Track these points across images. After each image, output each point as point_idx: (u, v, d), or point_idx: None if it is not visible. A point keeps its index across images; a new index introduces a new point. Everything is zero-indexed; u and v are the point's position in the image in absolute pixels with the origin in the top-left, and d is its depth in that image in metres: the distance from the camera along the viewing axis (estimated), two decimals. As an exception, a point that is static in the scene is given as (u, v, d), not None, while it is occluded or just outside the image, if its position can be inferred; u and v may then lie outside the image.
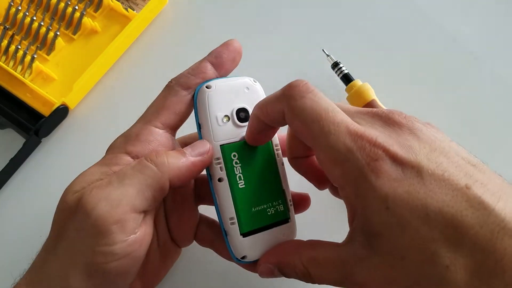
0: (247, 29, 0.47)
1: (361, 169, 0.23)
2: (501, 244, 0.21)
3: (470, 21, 0.47)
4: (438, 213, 0.22)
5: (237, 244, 0.29)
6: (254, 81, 0.31)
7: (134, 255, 0.26)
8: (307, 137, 0.25)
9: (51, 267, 0.26)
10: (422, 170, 0.23)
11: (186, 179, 0.28)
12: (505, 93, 0.44)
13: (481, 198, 0.22)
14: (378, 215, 0.23)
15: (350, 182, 0.24)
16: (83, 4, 0.46)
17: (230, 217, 0.29)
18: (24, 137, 0.42)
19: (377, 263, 0.23)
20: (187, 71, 0.30)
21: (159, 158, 0.27)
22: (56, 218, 0.27)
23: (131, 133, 0.29)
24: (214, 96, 0.29)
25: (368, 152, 0.23)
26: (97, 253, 0.25)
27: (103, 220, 0.25)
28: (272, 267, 0.28)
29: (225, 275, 0.37)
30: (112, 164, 0.27)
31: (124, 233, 0.25)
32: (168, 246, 0.32)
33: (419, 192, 0.22)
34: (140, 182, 0.26)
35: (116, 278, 0.26)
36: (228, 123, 0.30)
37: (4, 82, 0.43)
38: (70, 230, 0.26)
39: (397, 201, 0.22)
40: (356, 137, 0.24)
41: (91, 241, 0.25)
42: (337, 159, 0.24)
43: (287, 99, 0.26)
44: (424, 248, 0.22)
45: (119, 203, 0.25)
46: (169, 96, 0.29)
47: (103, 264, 0.25)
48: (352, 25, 0.47)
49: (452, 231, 0.22)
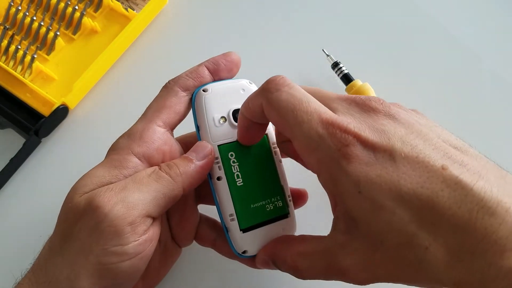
0: (247, 29, 0.47)
1: (333, 155, 0.23)
2: (481, 224, 0.21)
3: (470, 21, 0.47)
4: (413, 194, 0.22)
5: (237, 240, 0.30)
6: (250, 83, 0.32)
7: (144, 254, 0.27)
8: (283, 128, 0.26)
9: (58, 268, 0.26)
10: (395, 153, 0.23)
11: (196, 184, 0.29)
12: (505, 93, 0.44)
13: (458, 178, 0.22)
14: (352, 200, 0.23)
15: (325, 169, 0.24)
16: (83, 4, 0.46)
17: (230, 213, 0.30)
18: (24, 137, 0.42)
19: (358, 248, 0.23)
20: (185, 73, 0.31)
21: (172, 169, 0.28)
22: (63, 218, 0.27)
23: (134, 132, 0.29)
24: (211, 98, 0.31)
25: (339, 138, 0.24)
26: (111, 253, 0.25)
27: (119, 221, 0.25)
28: (267, 259, 0.29)
29: (225, 275, 0.37)
30: (122, 167, 0.28)
31: (136, 235, 0.26)
32: (168, 246, 0.33)
33: (392, 175, 0.22)
34: (156, 190, 0.27)
35: (125, 278, 0.27)
36: (225, 124, 0.31)
37: (4, 82, 0.43)
38: (81, 230, 0.26)
39: (368, 185, 0.22)
40: (327, 124, 0.24)
41: (105, 242, 0.25)
42: (310, 146, 0.24)
43: (264, 93, 0.26)
44: (402, 230, 0.22)
45: (134, 206, 0.26)
46: (169, 96, 0.30)
47: (116, 263, 0.26)
48: (352, 25, 0.47)
49: (428, 212, 0.21)
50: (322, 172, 0.25)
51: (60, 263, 0.26)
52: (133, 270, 0.27)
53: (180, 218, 0.32)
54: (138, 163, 0.28)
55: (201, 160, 0.29)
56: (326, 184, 0.25)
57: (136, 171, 0.28)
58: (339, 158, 0.23)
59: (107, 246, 0.25)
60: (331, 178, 0.24)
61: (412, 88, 0.44)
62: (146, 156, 0.29)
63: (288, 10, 0.48)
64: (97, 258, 0.25)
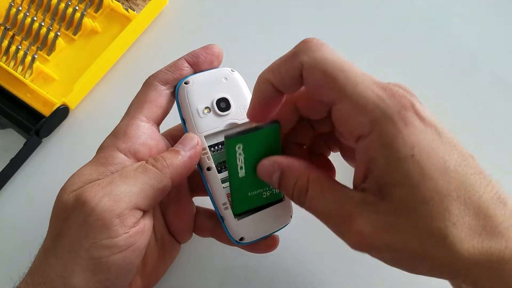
0: (247, 29, 0.47)
1: (391, 116, 0.23)
2: (498, 210, 0.23)
3: (470, 21, 0.47)
4: (454, 170, 0.23)
5: (233, 227, 0.31)
6: (232, 71, 0.32)
7: (136, 246, 0.27)
8: (330, 88, 0.25)
9: (52, 268, 0.26)
10: (440, 131, 0.24)
11: (186, 175, 0.29)
12: (505, 93, 0.44)
13: (481, 169, 0.24)
14: (402, 162, 0.23)
15: (378, 130, 0.24)
16: (84, 4, 0.46)
17: (223, 202, 0.31)
18: (25, 137, 0.42)
19: (384, 210, 0.23)
20: (165, 67, 0.32)
21: (158, 162, 0.28)
22: (54, 218, 0.28)
23: (118, 130, 0.30)
24: (193, 90, 0.31)
25: (399, 101, 0.24)
26: (101, 246, 0.25)
27: (106, 213, 0.25)
28: (276, 168, 0.28)
29: (224, 274, 0.37)
30: (108, 164, 0.28)
31: (125, 227, 0.26)
32: (166, 242, 0.33)
33: (439, 148, 0.23)
34: (143, 183, 0.27)
35: (119, 271, 0.27)
36: (210, 114, 0.31)
37: (5, 82, 0.43)
38: (71, 227, 0.26)
39: (422, 151, 0.23)
40: (384, 87, 0.24)
41: (94, 236, 0.25)
42: (365, 106, 0.24)
43: (304, 52, 0.25)
44: (439, 202, 0.22)
45: (121, 199, 0.26)
46: (149, 91, 0.31)
47: (107, 257, 0.26)
48: (351, 25, 0.47)
49: (463, 191, 0.23)
50: (373, 133, 0.24)
51: (54, 263, 0.26)
52: (126, 263, 0.27)
53: (176, 211, 0.32)
54: (125, 158, 0.28)
55: (188, 151, 0.29)
56: (372, 147, 0.24)
57: (123, 166, 0.28)
58: (397, 120, 0.23)
59: (97, 239, 0.25)
60: (383, 138, 0.23)
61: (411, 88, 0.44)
62: (132, 151, 0.29)
63: (288, 10, 0.48)
64: (88, 253, 0.25)
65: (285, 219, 0.32)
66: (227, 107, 0.31)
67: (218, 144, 0.31)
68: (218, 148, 0.31)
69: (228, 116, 0.31)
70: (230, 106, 0.31)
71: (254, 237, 0.31)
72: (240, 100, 0.32)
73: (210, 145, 0.31)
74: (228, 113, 0.31)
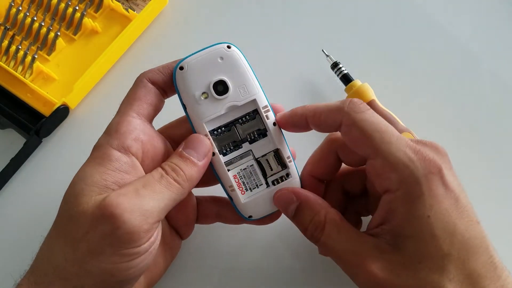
0: (247, 30, 0.47)
1: (418, 178, 0.27)
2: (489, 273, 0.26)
3: (470, 21, 0.47)
4: (460, 233, 0.26)
5: (241, 206, 0.32)
6: (228, 47, 0.31)
7: (153, 249, 0.28)
8: (365, 146, 0.28)
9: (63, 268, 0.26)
10: (458, 197, 0.27)
11: (198, 182, 0.30)
12: (505, 93, 0.44)
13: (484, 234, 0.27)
14: (419, 220, 0.26)
15: (404, 187, 0.27)
16: (84, 4, 0.46)
17: (229, 185, 0.32)
18: (25, 137, 0.42)
19: (395, 260, 0.27)
20: (157, 68, 0.32)
21: (179, 176, 0.29)
22: (67, 221, 0.27)
23: (110, 128, 0.30)
24: (188, 76, 0.31)
25: (428, 165, 0.27)
26: (124, 254, 0.26)
27: (136, 229, 0.26)
28: (294, 199, 0.31)
29: (225, 274, 0.37)
30: (105, 163, 0.28)
31: (148, 237, 0.27)
32: (167, 238, 0.33)
33: (453, 213, 0.27)
34: (169, 198, 0.28)
35: (135, 274, 0.28)
36: (208, 99, 0.31)
37: (5, 82, 0.43)
38: (92, 234, 0.26)
39: (437, 214, 0.26)
40: (416, 150, 0.27)
41: (120, 245, 0.26)
42: (396, 165, 0.27)
43: (349, 111, 0.29)
44: (441, 259, 0.26)
45: (151, 215, 0.27)
46: (138, 89, 0.31)
47: (127, 262, 0.27)
48: (352, 25, 0.47)
49: (464, 252, 0.26)
50: (400, 190, 0.27)
51: (64, 263, 0.26)
52: (143, 265, 0.28)
53: (178, 205, 0.32)
54: (120, 155, 0.29)
55: (202, 160, 0.30)
56: (396, 201, 0.27)
57: (119, 163, 0.28)
58: (423, 181, 0.26)
59: (121, 249, 0.26)
60: (407, 197, 0.27)
61: (411, 88, 0.44)
62: (125, 147, 0.29)
63: (288, 10, 0.48)
64: (109, 258, 0.26)
65: None
66: (225, 90, 0.31)
67: (219, 128, 0.31)
68: (220, 132, 0.31)
69: (227, 99, 0.31)
70: (228, 88, 0.31)
71: (262, 214, 0.32)
72: (238, 80, 0.31)
73: (211, 130, 0.31)
74: (226, 96, 0.31)
